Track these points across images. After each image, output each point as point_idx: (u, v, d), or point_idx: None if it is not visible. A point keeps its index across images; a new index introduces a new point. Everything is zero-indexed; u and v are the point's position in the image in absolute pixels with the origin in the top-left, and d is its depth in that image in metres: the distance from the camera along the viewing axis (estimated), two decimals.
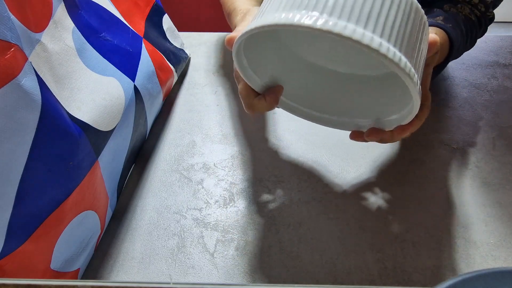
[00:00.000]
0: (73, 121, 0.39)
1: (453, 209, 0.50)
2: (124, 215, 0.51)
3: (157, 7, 0.65)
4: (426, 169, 0.55)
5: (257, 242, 0.48)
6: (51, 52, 0.39)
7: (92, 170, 0.42)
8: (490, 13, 0.62)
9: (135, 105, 0.51)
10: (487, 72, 0.70)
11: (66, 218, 0.40)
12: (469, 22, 0.59)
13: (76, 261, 0.43)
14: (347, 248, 0.47)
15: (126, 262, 0.46)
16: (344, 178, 0.54)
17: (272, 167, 0.56)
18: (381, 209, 0.50)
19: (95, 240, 0.46)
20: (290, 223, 0.49)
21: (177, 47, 0.69)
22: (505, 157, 0.56)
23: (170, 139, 0.60)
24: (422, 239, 0.47)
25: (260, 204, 0.51)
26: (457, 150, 0.57)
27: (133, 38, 0.55)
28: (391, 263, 0.45)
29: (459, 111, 0.63)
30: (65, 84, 0.40)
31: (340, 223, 0.49)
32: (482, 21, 0.61)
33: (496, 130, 0.60)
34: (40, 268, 0.38)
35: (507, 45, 0.76)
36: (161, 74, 0.60)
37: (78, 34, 0.44)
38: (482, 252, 0.46)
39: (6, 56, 0.32)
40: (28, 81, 0.33)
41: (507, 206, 0.50)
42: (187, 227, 0.49)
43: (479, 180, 0.53)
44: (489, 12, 0.61)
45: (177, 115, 0.64)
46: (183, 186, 0.54)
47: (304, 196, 0.52)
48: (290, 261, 0.46)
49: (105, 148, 0.44)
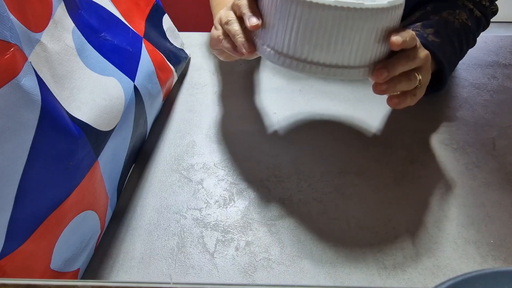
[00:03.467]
0: (73, 121, 0.39)
1: (453, 209, 0.50)
2: (124, 215, 0.51)
3: (157, 7, 0.65)
4: (426, 169, 0.55)
5: (257, 242, 0.48)
6: (51, 52, 0.39)
7: (92, 170, 0.42)
8: (494, 7, 0.62)
9: (135, 105, 0.51)
10: (487, 72, 0.70)
11: (66, 218, 0.40)
12: (465, 28, 0.59)
13: (76, 261, 0.43)
14: (347, 248, 0.47)
15: (126, 262, 0.46)
16: (345, 178, 0.54)
17: (272, 167, 0.56)
18: (381, 209, 0.50)
19: (95, 240, 0.46)
20: (290, 223, 0.49)
21: (177, 47, 0.69)
22: (505, 157, 0.56)
23: (170, 139, 0.60)
24: (422, 239, 0.47)
25: (260, 204, 0.51)
26: (457, 150, 0.57)
27: (133, 38, 0.55)
28: (391, 263, 0.45)
29: (459, 111, 0.63)
30: (65, 84, 0.40)
31: (340, 223, 0.49)
32: (482, 20, 0.61)
33: (496, 130, 0.60)
34: (40, 268, 0.38)
35: (507, 45, 0.76)
36: (161, 74, 0.60)
37: (78, 34, 0.44)
38: (482, 252, 0.46)
39: (5, 56, 0.32)
40: (27, 81, 0.33)
41: (507, 206, 0.50)
42: (187, 227, 0.49)
43: (479, 180, 0.53)
44: (493, 5, 0.61)
45: (177, 115, 0.64)
46: (183, 186, 0.54)
47: (304, 196, 0.52)
48: (290, 261, 0.46)
49: (105, 148, 0.44)
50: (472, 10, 0.60)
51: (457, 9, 0.58)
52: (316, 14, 0.40)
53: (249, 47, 0.45)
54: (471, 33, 0.60)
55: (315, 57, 0.42)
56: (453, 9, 0.58)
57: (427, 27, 0.56)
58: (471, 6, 0.59)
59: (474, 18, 0.60)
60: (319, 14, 0.40)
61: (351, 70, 0.43)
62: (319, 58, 0.42)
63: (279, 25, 0.42)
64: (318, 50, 0.41)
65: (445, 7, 0.58)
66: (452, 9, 0.58)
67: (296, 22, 0.41)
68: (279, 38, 0.42)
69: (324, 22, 0.40)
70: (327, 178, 0.54)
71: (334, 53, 0.42)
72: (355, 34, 0.40)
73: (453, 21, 0.57)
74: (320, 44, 0.41)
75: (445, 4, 0.59)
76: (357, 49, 0.42)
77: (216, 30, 0.49)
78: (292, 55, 0.42)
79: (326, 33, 0.40)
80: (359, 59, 0.42)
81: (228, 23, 0.46)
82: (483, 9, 0.60)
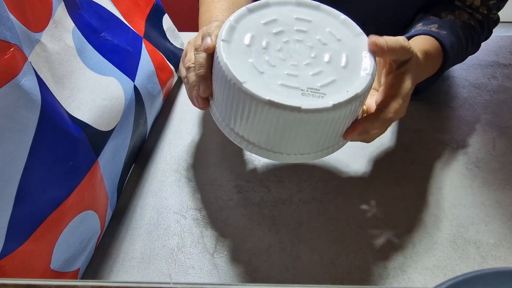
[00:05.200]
0: (73, 121, 0.39)
1: (453, 209, 0.50)
2: (124, 215, 0.51)
3: (157, 7, 0.65)
4: (426, 169, 0.55)
5: (257, 242, 0.48)
6: (51, 52, 0.39)
7: (92, 170, 0.42)
8: (494, 15, 0.61)
9: (135, 105, 0.51)
10: (487, 72, 0.70)
11: (66, 218, 0.40)
12: (468, 27, 0.58)
13: (76, 261, 0.43)
14: (347, 248, 0.47)
15: (126, 262, 0.46)
16: (344, 178, 0.54)
17: (272, 167, 0.56)
18: (381, 209, 0.50)
19: (95, 240, 0.46)
20: (290, 223, 0.49)
21: (177, 47, 0.69)
22: (505, 157, 0.56)
23: (170, 139, 0.60)
24: (422, 239, 0.47)
25: (260, 204, 0.51)
26: (457, 150, 0.57)
27: (133, 38, 0.55)
28: (391, 263, 0.45)
29: (459, 111, 0.63)
30: (65, 84, 0.40)
31: (340, 223, 0.49)
32: (484, 24, 0.60)
33: (496, 130, 0.60)
34: (40, 268, 0.38)
35: (507, 45, 0.76)
36: (161, 74, 0.60)
37: (78, 34, 0.44)
38: (482, 252, 0.46)
39: (5, 56, 0.32)
40: (27, 81, 0.33)
41: (507, 206, 0.50)
42: (187, 227, 0.49)
43: (479, 180, 0.53)
44: (493, 14, 0.60)
45: (177, 115, 0.64)
46: (183, 186, 0.54)
47: (304, 196, 0.52)
48: (290, 261, 0.46)
49: (105, 148, 0.44)
50: (471, 13, 0.59)
51: (456, 11, 0.58)
52: (254, 106, 0.37)
53: (202, 103, 0.43)
54: (475, 33, 0.59)
55: (251, 139, 0.40)
56: (452, 11, 0.58)
57: (429, 24, 0.55)
58: (469, 11, 0.59)
59: (475, 20, 0.59)
60: (257, 108, 0.37)
61: (280, 155, 0.41)
62: (254, 140, 0.40)
63: (223, 101, 0.40)
64: (255, 135, 0.40)
65: (444, 9, 0.58)
66: (451, 11, 0.58)
67: (238, 106, 0.38)
68: (226, 113, 0.40)
69: (263, 116, 0.37)
70: (327, 178, 0.54)
71: (267, 140, 0.39)
72: (293, 129, 0.38)
73: (454, 19, 0.57)
74: (259, 131, 0.39)
75: (444, 6, 0.59)
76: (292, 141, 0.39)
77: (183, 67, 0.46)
78: (232, 128, 0.41)
79: (265, 126, 0.38)
80: (289, 149, 0.40)
81: (188, 70, 0.43)
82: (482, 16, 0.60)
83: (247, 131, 0.40)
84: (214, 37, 0.40)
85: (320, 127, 0.38)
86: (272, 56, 0.39)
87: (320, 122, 0.38)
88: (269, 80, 0.37)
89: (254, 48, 0.39)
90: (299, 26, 0.42)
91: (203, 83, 0.41)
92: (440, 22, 0.56)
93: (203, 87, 0.41)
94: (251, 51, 0.39)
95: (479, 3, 0.58)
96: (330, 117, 0.37)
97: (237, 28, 0.40)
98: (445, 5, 0.59)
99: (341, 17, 0.43)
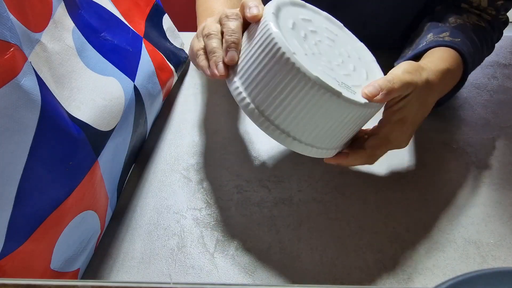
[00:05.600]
0: (73, 121, 0.39)
1: (453, 209, 0.50)
2: (124, 215, 0.51)
3: (157, 7, 0.65)
4: (425, 169, 0.55)
5: (257, 242, 0.48)
6: (51, 52, 0.39)
7: (92, 170, 0.42)
8: (503, 16, 0.60)
9: (135, 105, 0.51)
10: (487, 72, 0.70)
11: (66, 218, 0.40)
12: (480, 29, 0.57)
13: (76, 261, 0.43)
14: (347, 248, 0.47)
15: (126, 262, 0.46)
16: (344, 178, 0.54)
17: (272, 167, 0.56)
18: (381, 209, 0.50)
19: (95, 240, 0.46)
20: (290, 223, 0.49)
21: (177, 47, 0.69)
22: (505, 157, 0.56)
23: (170, 139, 0.60)
24: (422, 239, 0.47)
25: (260, 204, 0.51)
26: (457, 150, 0.57)
27: (133, 38, 0.55)
28: (391, 263, 0.45)
29: (459, 111, 0.63)
30: (65, 84, 0.40)
31: (340, 223, 0.49)
32: (494, 25, 0.59)
33: (496, 130, 0.60)
34: (40, 268, 0.38)
35: (507, 45, 0.76)
36: (161, 74, 0.60)
37: (78, 34, 0.44)
38: (482, 252, 0.46)
39: (5, 56, 0.32)
40: (27, 81, 0.33)
41: (507, 206, 0.50)
42: (187, 227, 0.49)
43: (479, 180, 0.53)
44: (501, 15, 0.59)
45: (177, 115, 0.64)
46: (183, 186, 0.54)
47: (304, 196, 0.52)
48: (290, 261, 0.46)
49: (105, 148, 0.44)
50: (480, 15, 0.58)
51: (463, 14, 0.57)
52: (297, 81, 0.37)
53: (223, 70, 0.41)
54: (487, 34, 0.58)
55: (277, 120, 0.40)
56: (460, 14, 0.57)
57: (440, 32, 0.54)
58: (477, 12, 0.58)
59: (485, 21, 0.58)
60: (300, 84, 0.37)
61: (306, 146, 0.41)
62: (279, 123, 0.40)
63: (257, 73, 0.39)
64: (282, 116, 0.39)
65: (451, 12, 0.57)
66: (459, 14, 0.57)
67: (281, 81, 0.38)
68: (252, 84, 0.39)
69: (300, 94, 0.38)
70: (327, 178, 0.54)
71: (297, 126, 0.39)
72: (322, 115, 0.39)
73: (464, 23, 0.55)
74: (288, 112, 0.39)
75: (450, 10, 0.58)
76: (315, 129, 0.40)
77: (198, 41, 0.45)
78: (256, 106, 0.40)
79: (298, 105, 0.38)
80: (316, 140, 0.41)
81: (209, 36, 0.42)
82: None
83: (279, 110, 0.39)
84: (261, 8, 0.40)
85: (347, 119, 0.40)
86: (311, 46, 0.41)
87: (349, 113, 0.39)
88: (313, 62, 0.39)
89: (296, 33, 0.40)
90: (328, 34, 0.45)
91: (234, 48, 0.40)
92: (451, 29, 0.54)
93: (232, 53, 0.40)
94: (294, 34, 0.40)
95: (486, 4, 0.57)
96: (358, 112, 0.40)
97: (282, 11, 0.41)
98: (451, 9, 0.58)
99: (358, 43, 0.47)
